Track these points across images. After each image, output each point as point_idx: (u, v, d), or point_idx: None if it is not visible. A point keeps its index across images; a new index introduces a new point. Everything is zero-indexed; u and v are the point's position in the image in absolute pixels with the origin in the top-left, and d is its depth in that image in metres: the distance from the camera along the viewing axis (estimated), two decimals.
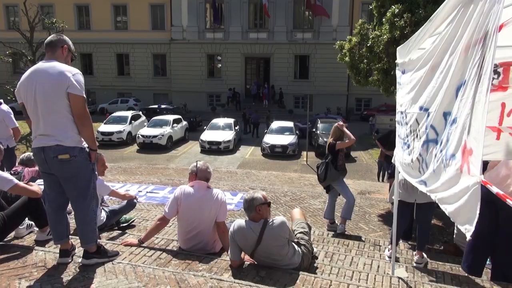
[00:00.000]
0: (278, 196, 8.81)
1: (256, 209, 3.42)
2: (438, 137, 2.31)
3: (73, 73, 3.03)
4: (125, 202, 5.04)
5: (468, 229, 1.84)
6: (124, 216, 5.14)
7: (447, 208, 2.06)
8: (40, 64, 3.08)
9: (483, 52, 1.79)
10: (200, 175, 3.87)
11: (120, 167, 13.76)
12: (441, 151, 2.19)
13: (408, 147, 2.88)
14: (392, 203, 4.86)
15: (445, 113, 2.22)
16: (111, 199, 6.26)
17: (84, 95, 3.08)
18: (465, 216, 1.87)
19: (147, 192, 8.70)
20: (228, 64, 32.64)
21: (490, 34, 1.74)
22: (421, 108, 2.55)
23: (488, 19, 1.77)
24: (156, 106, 28.03)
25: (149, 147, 19.24)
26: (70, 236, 3.40)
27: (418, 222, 4.75)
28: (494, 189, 1.76)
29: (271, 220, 3.41)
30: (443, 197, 2.11)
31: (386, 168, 7.59)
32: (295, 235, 3.74)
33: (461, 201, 1.89)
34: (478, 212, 1.77)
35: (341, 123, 6.33)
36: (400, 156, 3.18)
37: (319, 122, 20.48)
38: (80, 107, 3.04)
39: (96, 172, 3.41)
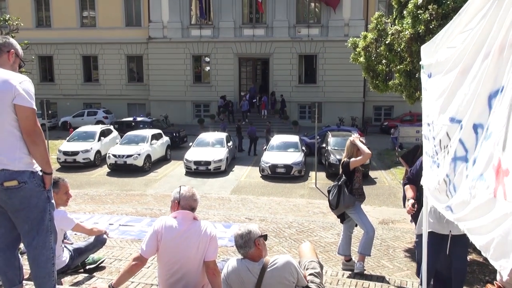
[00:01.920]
0: (282, 227, 8.75)
1: (255, 243, 3.39)
2: (468, 154, 2.32)
3: (20, 80, 3.04)
4: (92, 238, 5.00)
5: (503, 266, 1.83)
6: (91, 255, 5.09)
7: (477, 241, 2.05)
8: None
9: None
10: (185, 204, 3.85)
11: (86, 194, 13.67)
12: (471, 171, 2.20)
13: (438, 166, 2.88)
14: (421, 236, 4.84)
15: (476, 125, 2.23)
16: (75, 234, 6.21)
17: (34, 107, 3.08)
18: (499, 249, 1.86)
19: (120, 225, 8.64)
20: (218, 67, 32.90)
21: None
22: (452, 120, 2.56)
23: None
24: (130, 118, 28.06)
25: (123, 169, 19.18)
26: (24, 282, 3.35)
27: (452, 258, 4.73)
28: None
29: (273, 259, 3.38)
30: (473, 227, 2.10)
31: None
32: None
33: (495, 232, 1.88)
34: None
35: (356, 136, 6.35)
36: (429, 178, 3.18)
37: (330, 135, 20.53)
38: (29, 122, 3.03)
39: (53, 201, 3.38)
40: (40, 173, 3.14)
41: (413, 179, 5.34)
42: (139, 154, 19.33)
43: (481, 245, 2.01)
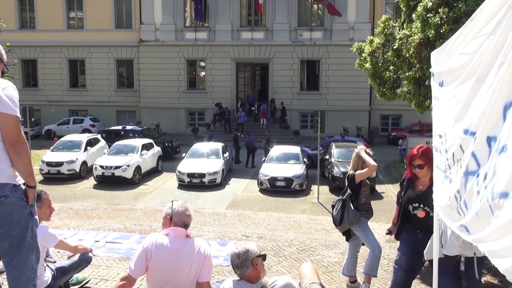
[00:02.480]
0: (281, 246, 8.72)
1: (253, 263, 3.38)
2: (480, 169, 2.32)
3: (4, 86, 3.05)
4: (77, 256, 4.97)
5: None
6: (75, 275, 5.06)
7: (500, 264, 2.04)
8: None
9: None
10: (177, 220, 3.84)
11: (71, 208, 13.61)
12: (485, 187, 2.19)
13: (450, 181, 2.88)
14: (430, 262, 4.83)
15: (490, 137, 2.23)
16: (58, 252, 6.17)
17: (18, 114, 3.08)
18: None
19: (106, 242, 8.58)
20: (214, 72, 33.04)
21: None
22: (466, 132, 2.57)
23: None
24: (120, 127, 28.10)
25: (110, 181, 19.14)
26: None
27: (467, 279, 4.72)
28: None
29: (272, 280, 3.36)
30: (495, 249, 2.09)
31: None
32: None
33: None
34: None
35: (362, 147, 6.35)
36: (440, 194, 3.17)
37: (333, 146, 20.56)
38: (12, 131, 3.03)
39: (37, 217, 3.36)
40: (23, 187, 3.13)
41: (398, 196, 5.36)
42: (128, 166, 19.30)
43: (505, 268, 1.99)
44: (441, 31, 8.00)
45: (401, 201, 5.10)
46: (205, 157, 20.40)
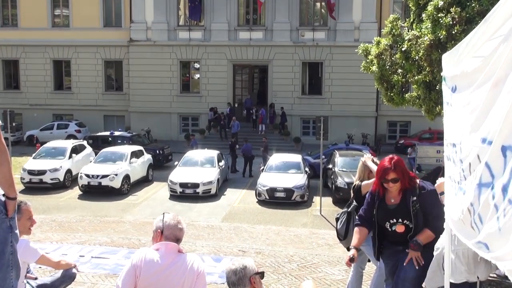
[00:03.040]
0: (281, 262, 8.69)
1: (250, 281, 3.37)
2: (494, 180, 2.31)
3: None
4: (60, 272, 4.94)
5: None
6: None
7: None
8: None
9: None
10: (169, 234, 3.82)
11: (54, 220, 13.57)
12: (510, 201, 2.19)
13: (464, 193, 2.88)
14: None
15: (505, 147, 2.23)
16: (39, 268, 6.13)
17: None
18: None
19: (92, 257, 8.55)
20: (209, 75, 33.08)
21: None
22: (484, 141, 2.56)
23: None
24: (107, 133, 28.05)
25: (97, 191, 19.07)
26: None
27: None
28: None
29: None
30: None
31: None
32: None
33: None
34: None
35: (368, 156, 6.35)
36: (452, 207, 3.17)
37: (337, 155, 20.55)
38: None
39: (17, 231, 3.34)
40: (3, 198, 3.11)
41: (366, 217, 5.11)
42: (116, 174, 19.24)
43: None
44: (453, 32, 8.05)
45: (374, 220, 4.98)
46: (199, 165, 20.34)
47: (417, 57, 8.94)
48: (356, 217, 5.38)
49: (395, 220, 4.79)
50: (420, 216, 4.71)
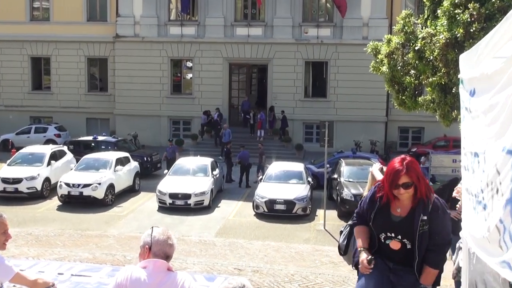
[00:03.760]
0: (280, 282, 8.68)
1: None
2: None
3: None
4: None
5: None
6: None
7: None
8: None
9: None
10: (157, 250, 3.80)
11: (30, 234, 13.52)
12: None
13: (485, 208, 2.87)
14: None
15: None
16: (14, 286, 6.10)
17: None
18: None
19: (72, 275, 8.52)
20: (203, 75, 33.09)
21: None
22: (510, 151, 2.56)
23: None
24: (90, 137, 28.02)
25: (78, 202, 19.02)
26: None
27: None
28: None
29: None
30: None
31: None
32: None
33: None
34: None
35: (378, 165, 6.34)
36: (472, 223, 3.16)
37: (343, 164, 20.54)
38: None
39: None
40: None
41: (364, 215, 4.72)
42: (99, 184, 19.20)
43: None
44: (471, 30, 8.08)
45: (371, 225, 4.56)
46: (191, 174, 20.31)
47: (431, 57, 8.97)
48: (354, 215, 4.85)
49: (392, 235, 4.38)
50: (426, 240, 4.28)
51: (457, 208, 6.04)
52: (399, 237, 4.34)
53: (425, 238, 4.27)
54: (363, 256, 4.41)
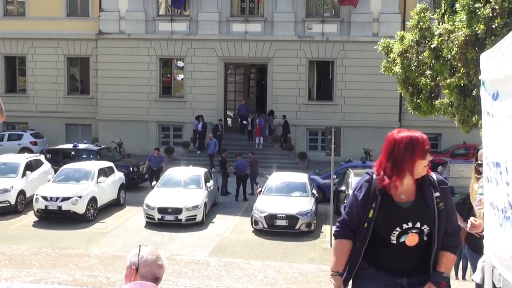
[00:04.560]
0: None
1: None
2: None
3: None
4: None
5: None
6: None
7: None
8: None
9: None
10: (145, 272, 3.80)
11: (3, 253, 13.48)
12: None
13: None
14: None
15: None
16: None
17: None
18: None
19: None
20: (195, 75, 33.10)
21: None
22: None
23: None
24: (70, 145, 28.00)
25: (56, 217, 19.01)
26: None
27: None
28: None
29: None
30: None
31: (471, 259, 7.52)
32: None
33: None
34: None
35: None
36: (497, 242, 3.15)
37: (351, 174, 20.52)
38: None
39: None
40: None
41: (353, 222, 4.15)
42: (80, 197, 19.16)
43: None
44: (493, 26, 8.10)
45: (368, 229, 4.06)
46: (182, 186, 20.32)
47: (449, 56, 8.99)
48: (336, 224, 4.25)
49: (410, 225, 3.95)
50: (444, 221, 4.00)
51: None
52: (418, 225, 3.96)
53: (443, 218, 3.99)
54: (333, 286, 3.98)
